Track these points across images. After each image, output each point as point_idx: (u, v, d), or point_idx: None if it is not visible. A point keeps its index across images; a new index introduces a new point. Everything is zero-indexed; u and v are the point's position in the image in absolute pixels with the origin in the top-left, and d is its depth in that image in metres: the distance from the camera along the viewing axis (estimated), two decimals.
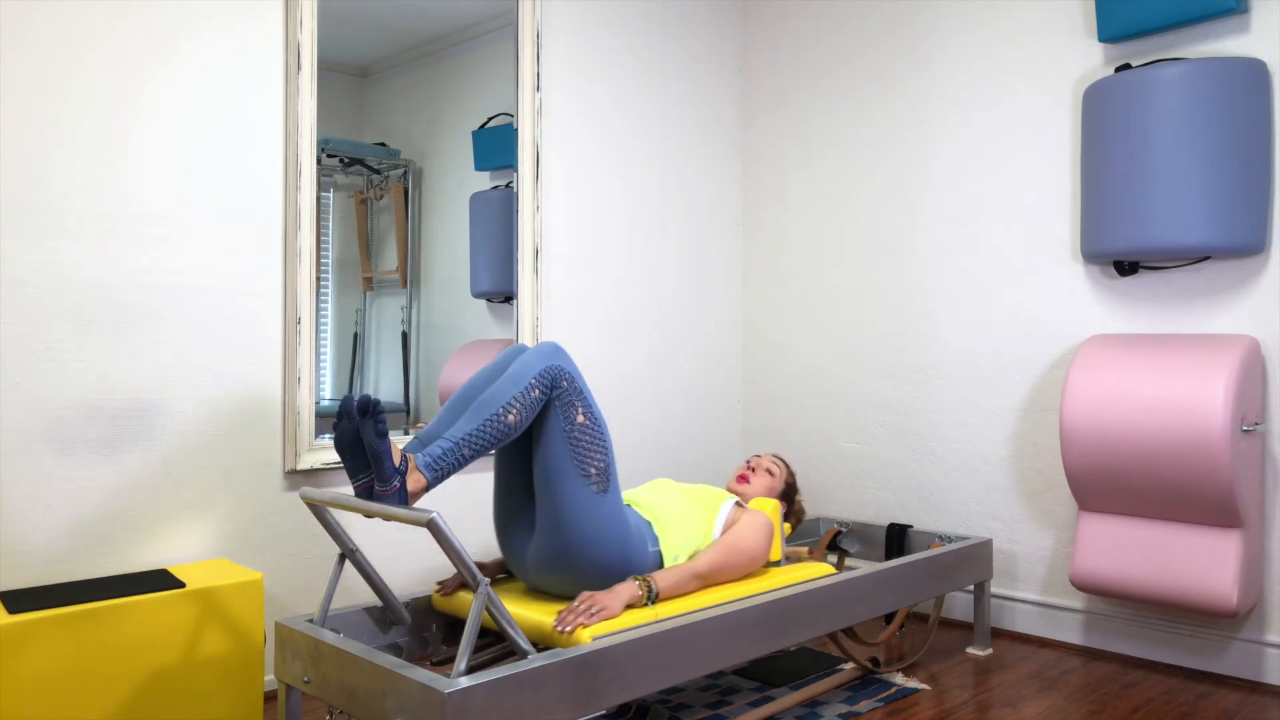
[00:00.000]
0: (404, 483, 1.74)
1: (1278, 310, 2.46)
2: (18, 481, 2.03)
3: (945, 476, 3.10)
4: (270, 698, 2.36)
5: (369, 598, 2.56)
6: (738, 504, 2.27)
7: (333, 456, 2.46)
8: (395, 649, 2.06)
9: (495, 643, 2.12)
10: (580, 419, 1.92)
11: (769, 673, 2.50)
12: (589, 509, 1.92)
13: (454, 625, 2.15)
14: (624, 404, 3.25)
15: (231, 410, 2.33)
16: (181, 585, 1.97)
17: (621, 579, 1.97)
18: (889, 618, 2.88)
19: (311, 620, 1.87)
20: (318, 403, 2.49)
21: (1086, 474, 2.51)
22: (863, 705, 2.29)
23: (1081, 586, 2.56)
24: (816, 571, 2.29)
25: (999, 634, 2.91)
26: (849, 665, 2.48)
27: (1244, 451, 2.35)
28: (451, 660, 2.08)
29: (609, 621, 1.84)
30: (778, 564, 2.36)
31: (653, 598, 1.95)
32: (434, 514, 1.59)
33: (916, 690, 2.40)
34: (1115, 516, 2.53)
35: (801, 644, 2.58)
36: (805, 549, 2.58)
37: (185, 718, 1.96)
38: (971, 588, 2.90)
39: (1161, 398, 2.37)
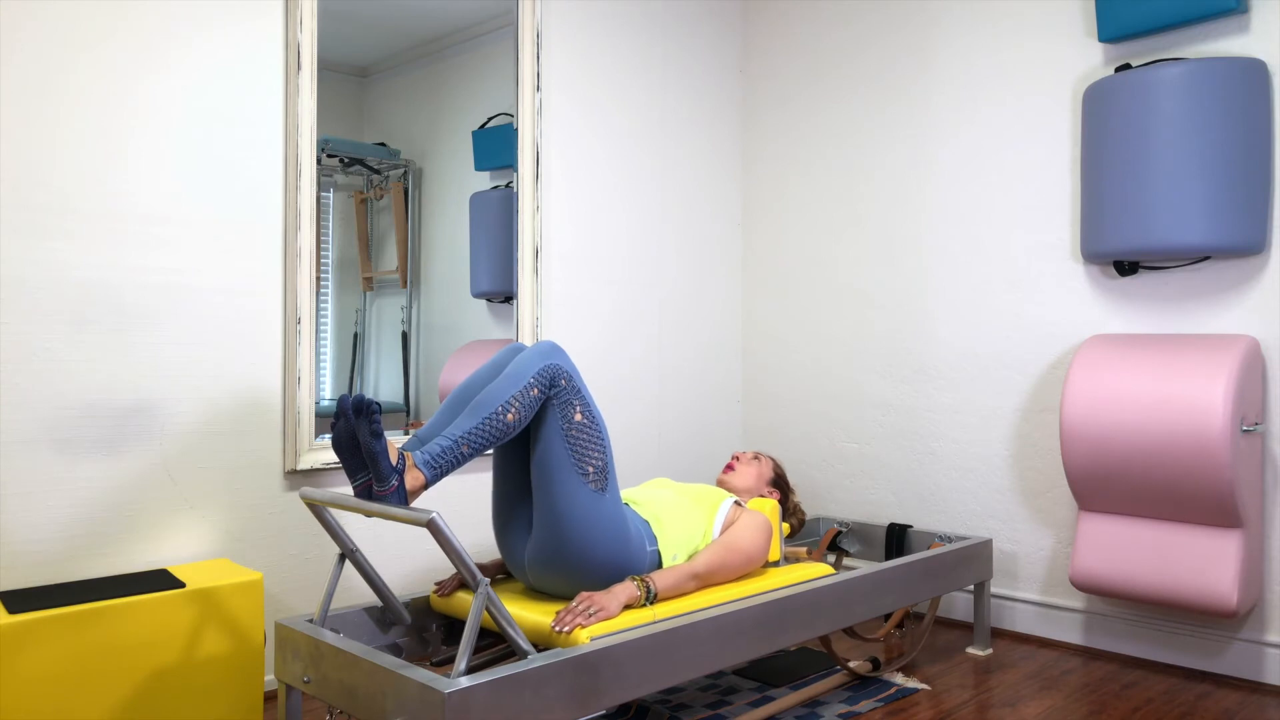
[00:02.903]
0: (402, 481, 1.73)
1: (1278, 310, 2.46)
2: (18, 481, 2.03)
3: (945, 476, 3.10)
4: (270, 698, 2.36)
5: (369, 598, 2.56)
6: (736, 503, 2.26)
7: (332, 456, 2.46)
8: (395, 649, 2.06)
9: (496, 643, 2.12)
10: (578, 417, 1.92)
11: (769, 673, 2.50)
12: (587, 508, 1.92)
13: (454, 626, 2.15)
14: (624, 404, 3.25)
15: (231, 410, 2.33)
16: (181, 585, 1.97)
17: (619, 578, 1.96)
18: (888, 617, 2.88)
19: (311, 620, 1.87)
20: (318, 403, 2.49)
21: (1086, 474, 2.51)
22: (863, 705, 2.29)
23: (1081, 586, 2.56)
24: (815, 572, 2.28)
25: (999, 634, 2.91)
26: (852, 664, 2.48)
27: (1244, 451, 2.35)
28: (451, 660, 2.08)
29: (607, 622, 1.83)
30: (776, 564, 2.36)
31: (651, 598, 1.94)
32: (434, 514, 1.59)
33: (916, 690, 2.40)
34: (1115, 516, 2.53)
35: (801, 644, 2.58)
36: (804, 549, 2.58)
37: (185, 718, 1.96)
38: (971, 588, 2.90)
39: (1161, 398, 2.37)
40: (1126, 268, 2.67)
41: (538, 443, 1.93)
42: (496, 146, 2.89)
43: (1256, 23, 2.49)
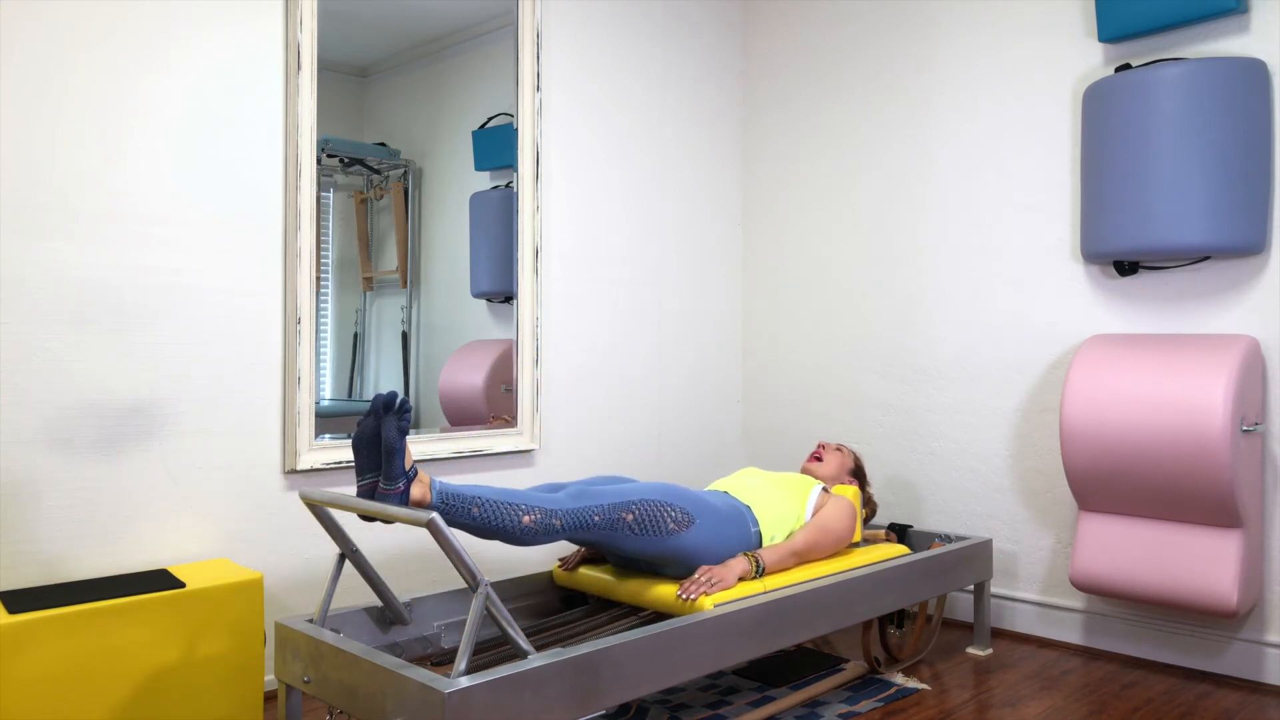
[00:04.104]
0: (409, 487, 1.75)
1: (1278, 310, 2.46)
2: (18, 481, 2.03)
3: (945, 476, 3.10)
4: (270, 698, 2.35)
5: (369, 598, 2.56)
6: (824, 490, 2.47)
7: (333, 456, 2.46)
8: (395, 649, 2.06)
9: (500, 644, 2.12)
10: (629, 518, 2.03)
11: (769, 673, 2.50)
12: (687, 543, 2.09)
13: (575, 599, 2.38)
14: (623, 404, 3.25)
15: (231, 410, 2.33)
16: (181, 585, 1.97)
17: (731, 556, 2.17)
18: (894, 618, 2.89)
19: (311, 620, 1.87)
20: (317, 403, 2.49)
21: (1086, 474, 2.51)
22: (863, 705, 2.29)
23: (1081, 586, 2.56)
24: (892, 552, 2.48)
25: (999, 634, 2.91)
26: (849, 664, 2.48)
27: (1244, 451, 2.35)
28: (451, 660, 2.08)
29: (724, 592, 2.03)
30: (858, 545, 2.55)
31: (760, 571, 2.15)
32: (434, 514, 1.59)
33: (916, 690, 2.40)
34: (1115, 516, 2.53)
35: (801, 644, 2.58)
36: (882, 532, 2.74)
37: (185, 718, 1.96)
38: (971, 588, 2.90)
39: (1161, 398, 2.37)
40: (1126, 268, 2.67)
41: (625, 552, 2.10)
42: (496, 146, 2.89)
43: (1256, 23, 2.49)
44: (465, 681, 1.52)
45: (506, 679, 1.57)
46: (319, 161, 2.50)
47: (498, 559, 2.88)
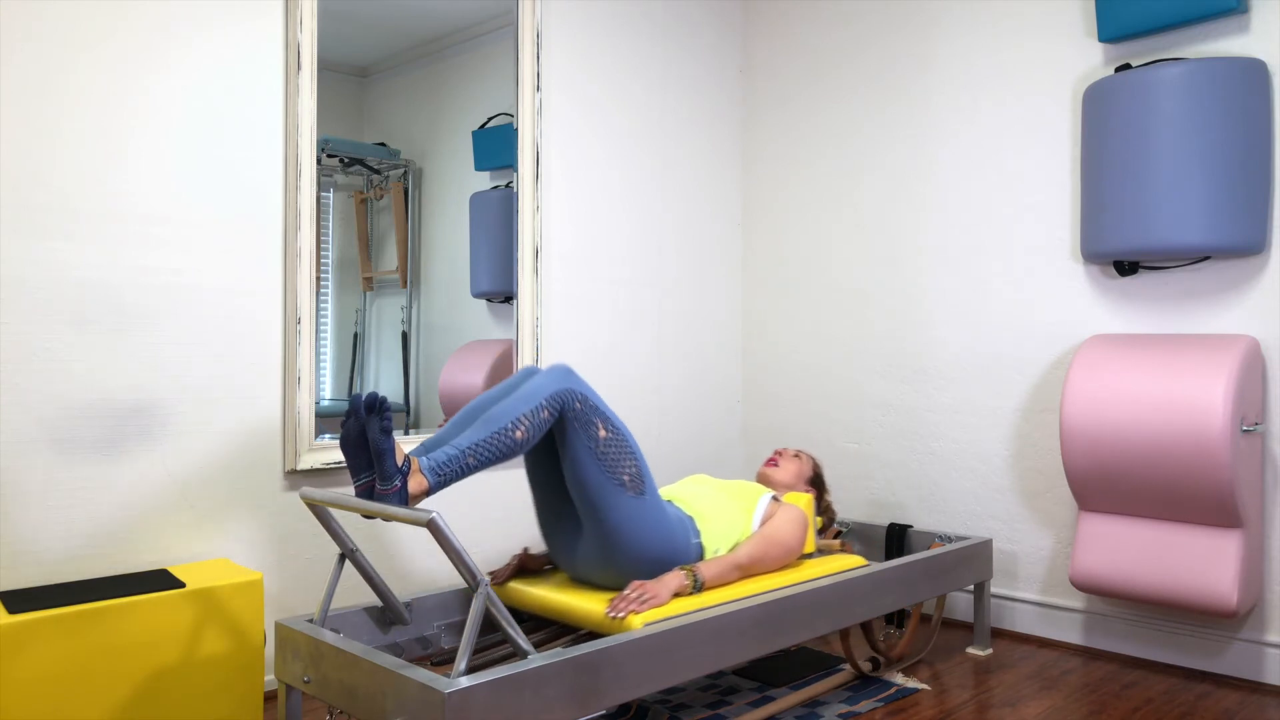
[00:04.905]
0: (405, 483, 1.75)
1: (1278, 310, 2.46)
2: (18, 481, 2.03)
3: (945, 476, 3.10)
4: (270, 698, 2.36)
5: (369, 598, 2.56)
6: (774, 499, 2.35)
7: (333, 456, 2.46)
8: (395, 649, 2.06)
9: (498, 643, 2.12)
10: (603, 434, 1.98)
11: (769, 673, 2.50)
12: (630, 513, 2.00)
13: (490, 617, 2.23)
14: (624, 404, 3.25)
15: (231, 410, 2.33)
16: (181, 585, 1.97)
17: (667, 569, 2.07)
18: (893, 618, 2.89)
19: (311, 620, 1.87)
20: (318, 403, 2.49)
21: (1086, 474, 2.51)
22: (863, 705, 2.29)
23: (1081, 586, 2.56)
24: (848, 563, 2.37)
25: (999, 634, 2.91)
26: (847, 665, 2.48)
27: (1244, 451, 2.35)
28: (451, 660, 2.08)
29: (657, 609, 1.93)
30: (811, 556, 2.44)
31: (698, 587, 2.05)
32: (434, 514, 1.59)
33: (916, 690, 2.40)
34: (1115, 516, 2.53)
35: (801, 644, 2.58)
36: (837, 542, 2.66)
37: (185, 718, 1.96)
38: (971, 588, 2.90)
39: (1161, 398, 2.37)
40: (1126, 268, 2.67)
41: (570, 465, 1.99)
42: (496, 146, 2.89)
43: (1256, 23, 2.49)
44: (465, 681, 1.52)
45: (506, 679, 1.57)
46: (319, 161, 2.50)
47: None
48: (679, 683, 2.00)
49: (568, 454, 1.99)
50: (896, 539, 2.91)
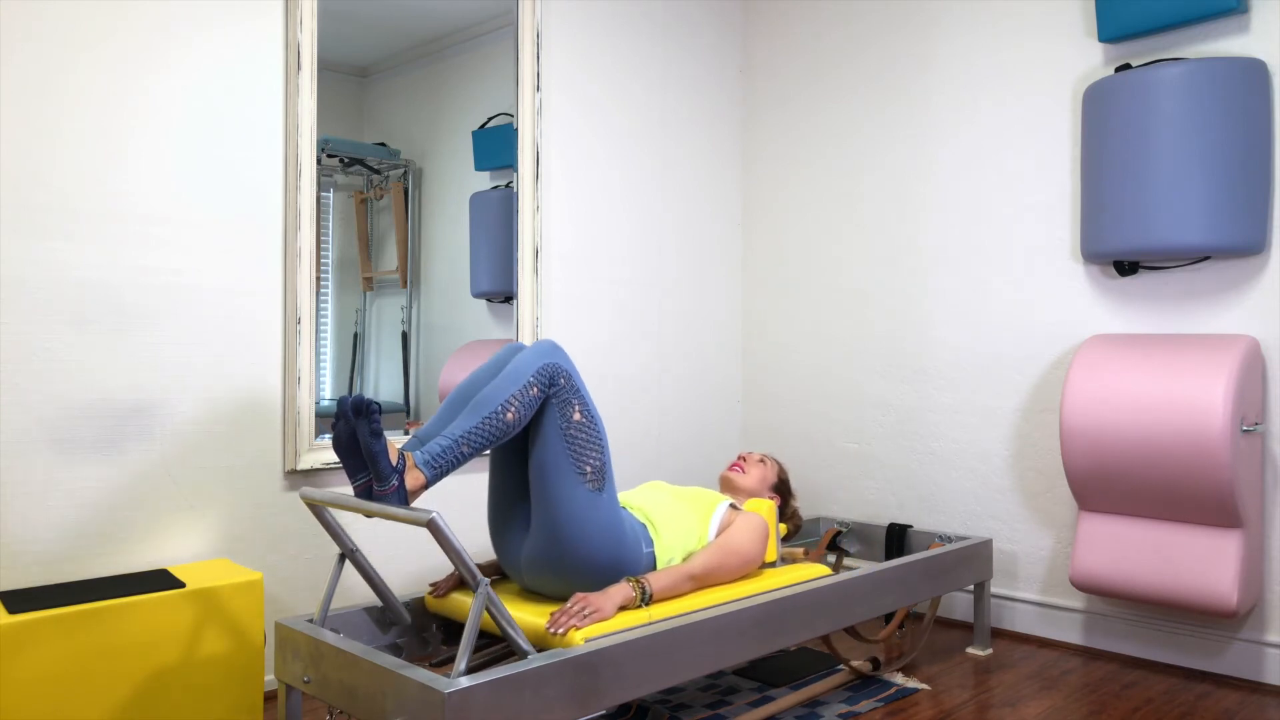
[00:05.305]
0: (402, 481, 1.74)
1: (1278, 310, 2.46)
2: (18, 481, 2.03)
3: (945, 476, 3.10)
4: (270, 698, 2.36)
5: (369, 598, 2.56)
6: (732, 506, 2.27)
7: (333, 456, 2.46)
8: (395, 649, 2.06)
9: (496, 643, 2.12)
10: (577, 417, 1.93)
11: (769, 673, 2.50)
12: (584, 507, 1.92)
13: (453, 627, 2.15)
14: (624, 404, 3.25)
15: (231, 410, 2.33)
16: (181, 585, 1.97)
17: (616, 580, 1.96)
18: (889, 617, 2.88)
19: (311, 620, 1.87)
20: (318, 403, 2.49)
21: (1086, 474, 2.51)
22: (863, 705, 2.29)
23: (1081, 586, 2.56)
24: (812, 573, 2.28)
25: (999, 634, 2.91)
26: (853, 663, 2.48)
27: (1244, 451, 2.35)
28: (451, 660, 2.08)
29: (602, 624, 1.83)
30: (774, 565, 2.35)
31: (647, 599, 1.94)
32: (434, 514, 1.59)
33: (916, 690, 2.40)
34: (1115, 516, 2.53)
35: (801, 644, 2.58)
36: (801, 550, 2.58)
37: (185, 718, 1.96)
38: (971, 588, 2.90)
39: (1161, 398, 2.37)
40: (1126, 268, 2.67)
41: (536, 442, 1.93)
42: (496, 146, 2.89)
43: (1256, 23, 2.49)
44: (465, 681, 1.52)
45: (506, 679, 1.57)
46: (319, 161, 2.50)
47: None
48: (679, 683, 1.99)
49: (537, 432, 1.92)
50: (896, 539, 2.91)
